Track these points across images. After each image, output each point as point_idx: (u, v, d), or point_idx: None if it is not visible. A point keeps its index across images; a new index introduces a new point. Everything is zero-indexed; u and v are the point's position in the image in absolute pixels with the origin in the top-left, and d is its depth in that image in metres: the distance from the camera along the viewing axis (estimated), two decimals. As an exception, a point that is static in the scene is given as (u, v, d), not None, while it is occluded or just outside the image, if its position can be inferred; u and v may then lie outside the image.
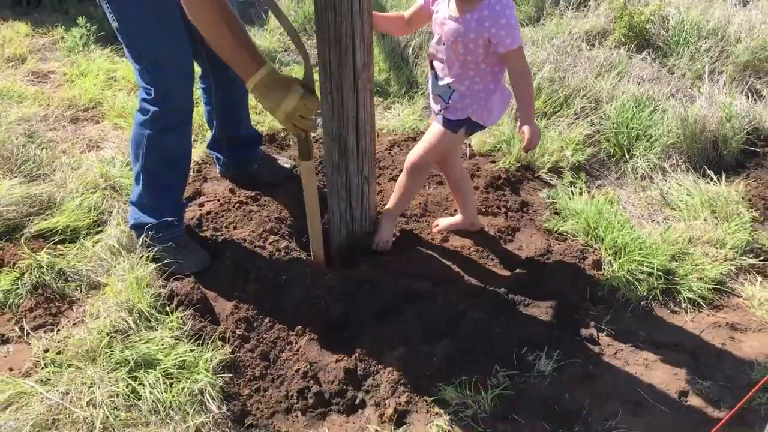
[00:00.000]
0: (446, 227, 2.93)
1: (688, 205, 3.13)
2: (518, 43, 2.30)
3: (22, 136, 3.47)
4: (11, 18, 5.18)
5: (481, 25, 2.28)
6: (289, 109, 2.11)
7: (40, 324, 2.42)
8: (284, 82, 2.10)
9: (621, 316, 2.59)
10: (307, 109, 2.13)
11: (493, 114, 2.51)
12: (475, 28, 2.29)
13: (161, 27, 2.24)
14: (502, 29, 2.26)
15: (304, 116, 2.15)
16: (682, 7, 4.74)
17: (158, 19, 2.21)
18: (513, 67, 2.37)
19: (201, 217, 2.89)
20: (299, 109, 2.11)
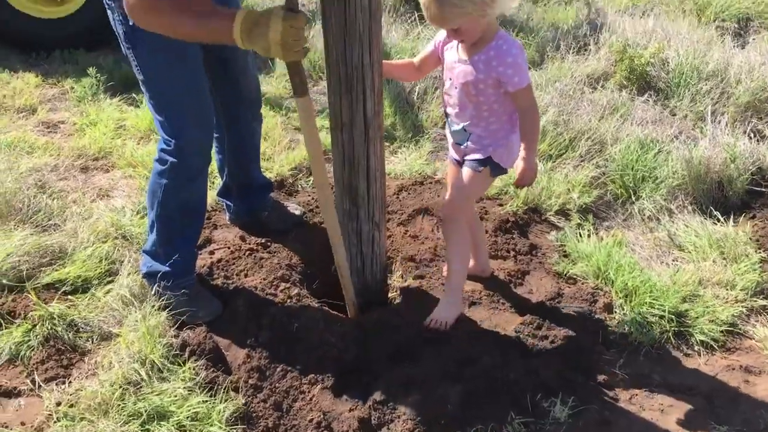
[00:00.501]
0: None
1: (696, 247, 3.14)
2: (527, 81, 2.34)
3: (33, 186, 3.50)
4: (22, 69, 5.25)
5: (488, 65, 2.33)
6: (278, 38, 1.93)
7: (52, 376, 2.41)
8: (264, 15, 1.97)
9: (634, 359, 2.58)
10: (294, 30, 1.94)
11: (514, 154, 2.52)
12: (483, 69, 2.34)
13: (184, 82, 2.29)
14: (509, 68, 2.30)
15: (296, 38, 1.96)
16: (681, 49, 4.81)
17: (182, 75, 2.26)
18: (520, 105, 2.40)
19: (212, 265, 2.90)
20: (287, 32, 1.93)
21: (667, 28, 5.38)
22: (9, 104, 4.64)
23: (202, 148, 2.52)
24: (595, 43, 5.21)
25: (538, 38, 5.47)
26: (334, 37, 2.13)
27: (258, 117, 3.02)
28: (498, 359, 2.42)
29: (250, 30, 1.96)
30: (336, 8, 2.07)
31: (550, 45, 5.35)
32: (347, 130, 2.30)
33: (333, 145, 2.39)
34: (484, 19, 2.25)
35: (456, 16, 2.21)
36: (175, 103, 2.41)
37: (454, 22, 2.23)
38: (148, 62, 2.32)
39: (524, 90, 2.34)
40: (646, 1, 6.41)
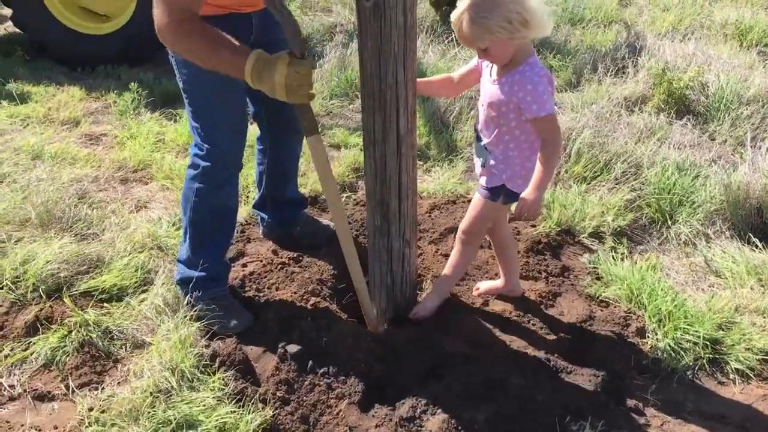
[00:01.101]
0: (487, 291, 2.92)
1: (733, 273, 3.08)
2: (546, 111, 2.26)
3: (74, 196, 3.60)
4: (67, 83, 5.42)
5: (511, 89, 2.31)
6: (282, 81, 2.07)
7: (86, 382, 2.46)
8: (272, 59, 2.10)
9: (667, 385, 2.53)
10: (299, 75, 2.08)
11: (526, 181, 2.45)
12: (507, 92, 2.32)
13: (223, 93, 2.35)
14: (528, 94, 2.27)
15: (299, 83, 2.10)
16: (721, 74, 4.75)
17: (221, 86, 2.32)
18: (540, 135, 2.34)
19: (244, 278, 2.93)
20: (291, 77, 2.07)
21: (707, 52, 5.33)
22: (54, 116, 4.78)
23: (234, 156, 2.61)
24: (633, 66, 5.18)
25: (575, 60, 5.46)
26: (369, 54, 2.16)
27: (300, 141, 3.09)
28: (527, 381, 2.39)
29: (260, 71, 2.09)
30: (372, 26, 2.10)
31: (588, 67, 5.34)
32: (380, 147, 2.32)
33: (366, 161, 2.41)
34: (513, 42, 2.23)
35: (483, 36, 2.21)
36: (211, 112, 2.50)
37: (482, 42, 2.24)
38: (191, 71, 2.39)
39: (542, 120, 2.27)
40: (686, 25, 6.36)
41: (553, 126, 2.32)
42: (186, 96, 2.53)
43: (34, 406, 2.39)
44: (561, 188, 3.71)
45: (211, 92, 2.45)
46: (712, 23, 6.35)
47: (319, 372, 2.44)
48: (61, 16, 5.67)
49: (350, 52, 5.48)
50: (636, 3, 7.28)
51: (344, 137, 4.44)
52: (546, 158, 2.31)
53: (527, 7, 2.17)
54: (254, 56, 2.10)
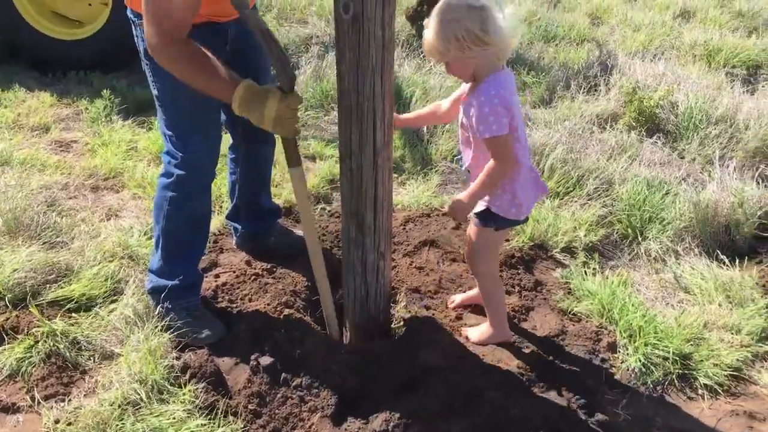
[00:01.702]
0: (462, 302, 2.93)
1: (702, 290, 3.13)
2: (489, 132, 2.20)
3: (43, 203, 3.54)
4: (37, 88, 5.33)
5: (469, 109, 2.30)
6: (273, 114, 2.17)
7: (52, 393, 2.41)
8: (262, 92, 2.18)
9: (637, 400, 2.56)
10: (290, 110, 2.19)
11: (520, 206, 2.41)
12: (466, 112, 2.33)
13: (197, 101, 2.33)
14: (473, 115, 2.25)
15: (289, 117, 2.21)
16: (690, 93, 4.85)
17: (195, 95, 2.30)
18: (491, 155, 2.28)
19: (217, 289, 2.90)
20: (282, 111, 2.17)
21: (677, 72, 5.43)
22: (24, 122, 4.70)
23: (208, 165, 2.60)
24: (605, 84, 5.26)
25: (549, 77, 5.52)
26: (347, 67, 2.16)
27: (273, 150, 3.09)
28: (501, 395, 2.40)
29: (249, 101, 2.17)
30: (350, 39, 2.10)
31: (561, 84, 5.40)
32: (356, 159, 2.32)
33: (342, 174, 2.40)
34: (468, 58, 2.20)
35: (439, 50, 2.22)
36: (185, 120, 2.49)
37: (439, 55, 2.25)
38: (165, 78, 2.38)
39: (489, 141, 2.22)
40: (657, 45, 6.48)
41: (499, 148, 2.24)
42: (159, 104, 2.51)
43: (-2, 418, 2.33)
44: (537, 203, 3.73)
45: (185, 101, 2.43)
46: (682, 44, 6.47)
47: (292, 384, 2.42)
48: (33, 20, 5.58)
49: (326, 63, 5.48)
50: (607, 22, 7.40)
51: (319, 149, 4.43)
52: (488, 173, 2.27)
53: (485, 26, 2.13)
54: (243, 87, 2.17)
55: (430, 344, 2.63)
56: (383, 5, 2.03)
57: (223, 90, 2.19)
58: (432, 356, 2.57)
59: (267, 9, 7.05)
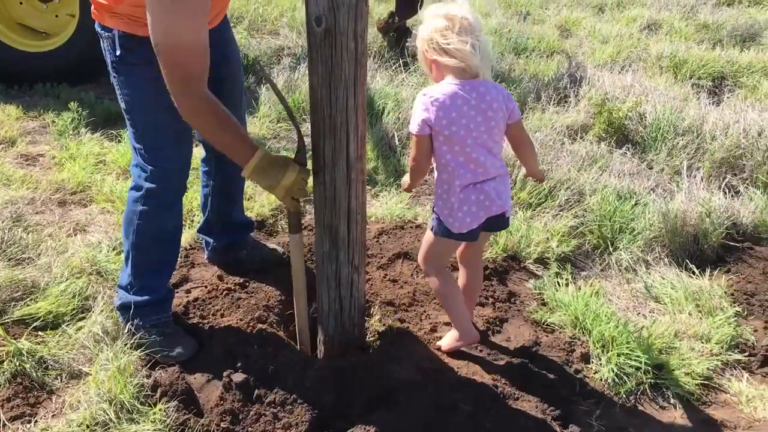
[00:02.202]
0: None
1: (672, 299, 3.17)
2: (410, 129, 2.41)
3: (8, 219, 3.46)
4: (2, 101, 5.23)
5: None
6: (288, 185, 2.28)
7: (18, 415, 2.35)
8: (280, 162, 2.29)
9: (611, 411, 2.57)
10: (303, 182, 2.34)
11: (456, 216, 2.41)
12: None
13: (167, 114, 2.30)
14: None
15: (301, 188, 2.34)
16: (658, 105, 4.92)
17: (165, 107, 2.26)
18: None
19: (188, 304, 2.86)
20: (297, 183, 2.30)
21: (644, 83, 5.52)
22: (-12, 135, 4.60)
23: (179, 178, 2.58)
24: (575, 95, 5.33)
25: (519, 89, 5.57)
26: (320, 80, 2.15)
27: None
28: (476, 407, 2.39)
29: (266, 170, 2.26)
30: (322, 51, 2.09)
31: (532, 96, 5.46)
32: (329, 172, 2.31)
33: (315, 187, 2.39)
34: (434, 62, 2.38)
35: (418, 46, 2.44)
36: (155, 133, 2.45)
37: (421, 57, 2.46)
38: (134, 91, 2.35)
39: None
40: (624, 57, 6.57)
41: (413, 144, 2.42)
42: (128, 117, 2.46)
43: (-39, 441, 2.27)
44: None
45: (155, 113, 2.39)
46: (649, 56, 6.58)
47: (266, 401, 2.39)
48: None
49: (297, 75, 5.47)
50: (576, 35, 7.50)
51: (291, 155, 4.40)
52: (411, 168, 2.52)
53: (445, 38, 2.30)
54: (261, 153, 2.24)
55: (404, 358, 2.62)
56: (355, 18, 2.03)
57: (241, 154, 2.24)
58: (407, 370, 2.56)
59: (238, 20, 7.02)
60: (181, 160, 2.56)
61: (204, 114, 2.17)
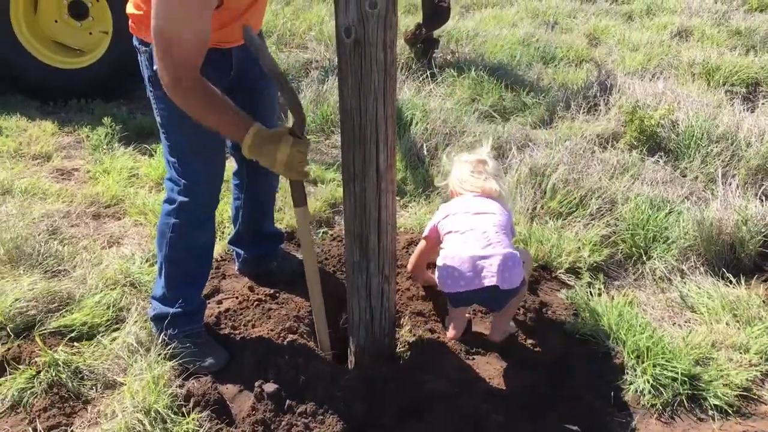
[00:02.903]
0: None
1: (709, 309, 3.11)
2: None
3: (44, 232, 3.52)
4: (39, 117, 5.34)
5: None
6: (284, 159, 2.21)
7: (54, 425, 2.38)
8: (274, 136, 2.22)
9: (647, 422, 2.53)
10: (300, 154, 2.25)
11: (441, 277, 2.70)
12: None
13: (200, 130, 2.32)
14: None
15: (300, 161, 2.25)
16: (690, 112, 4.85)
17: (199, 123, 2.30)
18: None
19: (219, 315, 2.88)
20: (293, 155, 2.22)
21: (676, 90, 5.44)
22: (25, 151, 4.70)
23: (211, 191, 2.61)
24: (605, 103, 5.27)
25: (548, 98, 5.54)
26: (349, 90, 2.16)
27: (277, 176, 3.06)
28: (508, 418, 2.37)
29: (260, 146, 2.21)
30: (352, 62, 2.10)
31: (561, 105, 5.42)
32: (359, 182, 2.31)
33: (345, 197, 2.40)
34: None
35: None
36: (188, 147, 2.48)
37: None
38: (169, 106, 2.38)
39: None
40: (655, 64, 6.50)
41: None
42: (163, 131, 2.50)
43: (-1, 451, 2.30)
44: (537, 224, 3.72)
45: (189, 127, 2.41)
46: (680, 63, 6.50)
47: (297, 411, 2.39)
48: (34, 49, 5.61)
49: (326, 88, 5.50)
50: (605, 43, 7.44)
51: (320, 173, 4.43)
52: None
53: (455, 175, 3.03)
54: (254, 130, 2.19)
55: (435, 368, 2.61)
56: (384, 29, 2.04)
57: (234, 131, 2.22)
58: (438, 380, 2.54)
59: (267, 35, 7.10)
60: (212, 174, 2.59)
61: (194, 98, 2.17)
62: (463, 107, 5.31)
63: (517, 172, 4.08)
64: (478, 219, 2.75)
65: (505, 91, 5.73)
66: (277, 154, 2.20)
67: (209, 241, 2.71)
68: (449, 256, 2.65)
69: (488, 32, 7.32)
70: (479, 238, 2.66)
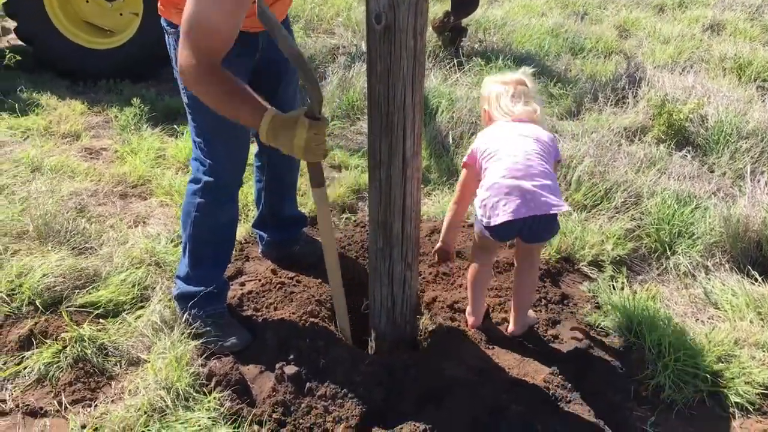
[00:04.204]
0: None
1: (732, 306, 3.08)
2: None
3: (72, 209, 3.58)
4: (68, 96, 5.42)
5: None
6: (302, 143, 2.15)
7: (79, 399, 2.43)
8: (290, 121, 2.16)
9: (666, 418, 2.52)
10: (317, 137, 2.17)
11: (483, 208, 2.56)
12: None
13: None
14: None
15: (318, 143, 2.20)
16: (720, 107, 4.79)
17: None
18: None
19: (242, 297, 2.91)
20: (311, 139, 2.16)
21: (706, 85, 5.37)
22: (55, 129, 4.77)
23: (235, 172, 2.63)
24: (633, 96, 5.22)
25: (576, 89, 5.49)
26: (378, 77, 2.16)
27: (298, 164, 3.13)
28: (527, 409, 2.37)
29: (277, 131, 2.15)
30: (381, 48, 2.10)
31: (588, 96, 5.37)
32: (385, 169, 2.32)
33: (370, 183, 2.40)
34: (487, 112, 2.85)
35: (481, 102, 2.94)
36: (215, 128, 2.50)
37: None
38: None
39: None
40: (685, 57, 6.42)
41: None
42: (189, 111, 2.53)
43: (26, 423, 2.35)
44: (561, 216, 3.69)
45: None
46: (711, 57, 6.41)
47: (317, 394, 2.41)
48: (65, 29, 5.68)
49: (352, 74, 5.50)
50: (635, 35, 7.35)
51: (345, 159, 4.43)
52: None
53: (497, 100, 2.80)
54: (270, 116, 2.14)
55: (455, 356, 2.61)
56: (415, 15, 2.04)
57: (250, 118, 2.18)
58: (457, 368, 2.55)
59: (294, 20, 7.11)
60: (236, 156, 2.62)
61: (209, 85, 2.15)
62: (489, 97, 5.27)
63: (543, 163, 4.05)
64: (520, 145, 2.58)
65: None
66: (294, 140, 2.15)
67: (232, 221, 2.74)
68: (495, 185, 2.51)
69: (517, 21, 7.27)
70: (522, 166, 2.51)
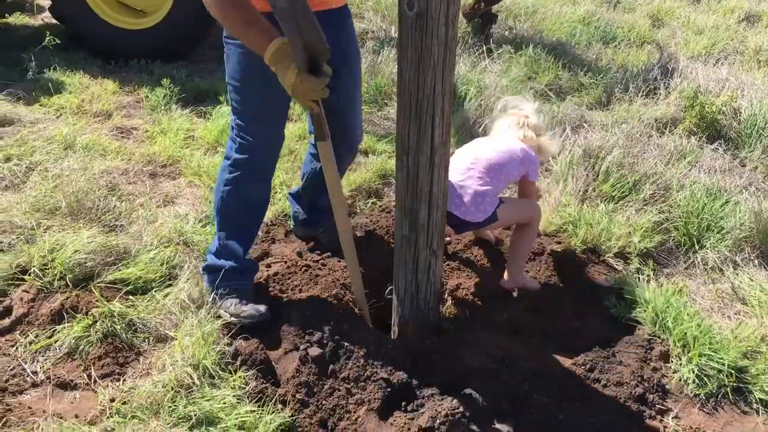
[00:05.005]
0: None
1: (760, 302, 3.04)
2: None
3: (104, 187, 3.64)
4: (101, 76, 5.48)
5: None
6: (290, 85, 2.22)
7: (108, 373, 2.48)
8: (287, 59, 2.20)
9: (689, 412, 2.51)
10: (302, 86, 2.21)
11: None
12: None
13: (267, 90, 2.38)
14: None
15: (303, 92, 2.24)
16: (754, 100, 4.71)
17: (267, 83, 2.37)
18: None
19: (268, 278, 2.94)
20: (297, 86, 2.21)
21: (740, 77, 5.28)
22: (87, 108, 4.84)
23: (266, 153, 2.69)
24: (665, 87, 5.15)
25: (606, 79, 5.43)
26: (409, 64, 2.16)
27: (353, 153, 3.19)
28: (549, 399, 2.38)
29: (277, 61, 2.22)
30: (413, 35, 2.10)
31: (619, 86, 5.31)
32: (413, 156, 2.32)
33: (397, 170, 2.41)
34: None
35: None
36: (251, 107, 2.56)
37: None
38: (241, 64, 2.44)
39: None
40: (720, 49, 6.31)
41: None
42: (230, 87, 2.60)
43: (56, 394, 2.41)
44: (588, 206, 3.68)
45: (253, 88, 2.51)
46: (746, 49, 6.30)
47: (340, 376, 2.44)
48: (99, 9, 5.74)
49: (381, 59, 5.49)
50: (669, 24, 7.24)
51: (372, 144, 4.44)
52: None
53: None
54: (276, 44, 2.19)
55: (478, 344, 2.62)
56: (448, 2, 2.04)
57: (259, 44, 2.23)
58: (479, 356, 2.56)
59: (324, 3, 7.09)
60: (269, 139, 2.66)
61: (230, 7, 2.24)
62: (518, 85, 5.25)
63: (571, 153, 4.03)
64: (475, 150, 2.96)
65: (562, 70, 5.65)
66: (285, 78, 2.22)
67: (261, 198, 2.79)
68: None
69: (548, 9, 7.19)
70: (463, 167, 2.86)
